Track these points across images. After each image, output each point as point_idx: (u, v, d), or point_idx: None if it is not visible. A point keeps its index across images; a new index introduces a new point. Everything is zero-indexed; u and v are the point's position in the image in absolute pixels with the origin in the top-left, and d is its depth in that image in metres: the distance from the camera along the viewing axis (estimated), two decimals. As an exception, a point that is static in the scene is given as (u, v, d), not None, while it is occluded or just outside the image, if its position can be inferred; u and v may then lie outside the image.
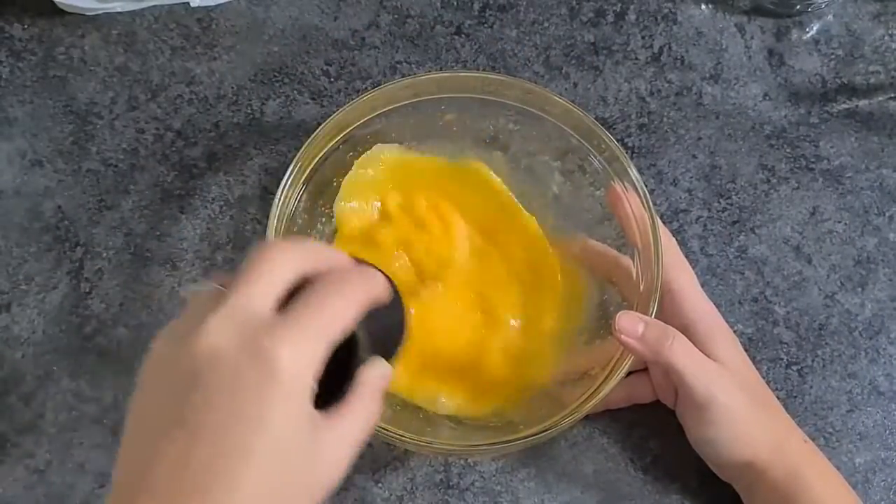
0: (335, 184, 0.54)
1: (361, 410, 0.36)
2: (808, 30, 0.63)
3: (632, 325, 0.46)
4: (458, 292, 0.53)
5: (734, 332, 0.51)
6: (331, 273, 0.36)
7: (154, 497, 0.31)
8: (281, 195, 0.50)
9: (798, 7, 0.62)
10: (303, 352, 0.33)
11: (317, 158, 0.52)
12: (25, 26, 0.61)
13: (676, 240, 0.53)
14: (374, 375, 0.37)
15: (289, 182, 0.51)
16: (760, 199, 0.59)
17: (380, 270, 0.39)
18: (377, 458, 0.52)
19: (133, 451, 0.33)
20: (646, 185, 0.51)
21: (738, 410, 0.47)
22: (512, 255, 0.54)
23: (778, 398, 0.51)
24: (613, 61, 0.62)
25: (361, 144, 0.54)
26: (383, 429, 0.46)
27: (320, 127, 0.52)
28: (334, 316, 0.34)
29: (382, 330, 0.38)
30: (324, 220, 0.54)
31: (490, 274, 0.53)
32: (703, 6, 0.63)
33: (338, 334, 0.34)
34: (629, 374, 0.49)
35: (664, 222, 0.56)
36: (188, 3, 0.62)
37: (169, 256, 0.56)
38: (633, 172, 0.51)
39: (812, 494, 0.46)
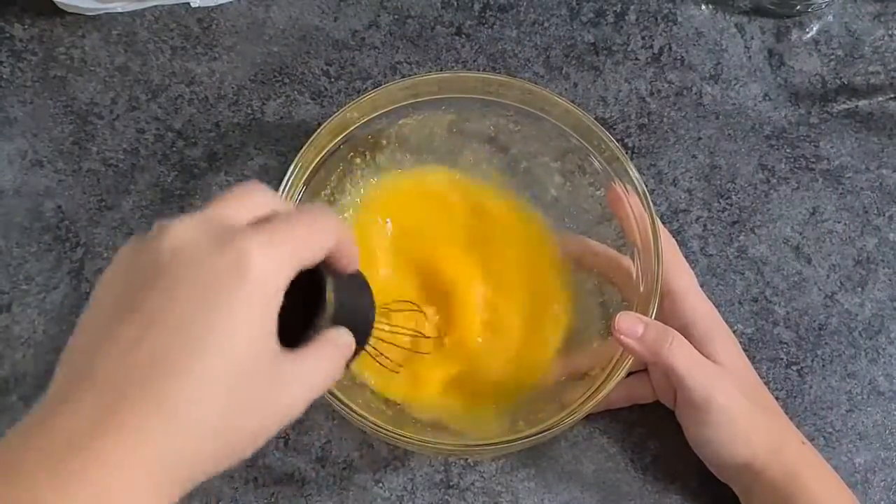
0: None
1: (322, 361, 0.35)
2: (807, 30, 0.63)
3: (631, 325, 0.46)
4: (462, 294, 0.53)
5: (734, 332, 0.51)
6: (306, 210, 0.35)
7: (94, 384, 0.29)
8: (281, 195, 0.50)
9: (798, 7, 0.62)
10: (273, 258, 0.32)
11: (317, 159, 0.52)
12: (26, 26, 0.61)
13: (676, 240, 0.53)
14: (340, 337, 0.36)
15: (289, 182, 0.51)
16: (760, 199, 0.59)
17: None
18: (377, 457, 0.52)
19: (79, 341, 0.31)
20: (646, 186, 0.51)
21: (737, 412, 0.47)
22: (513, 257, 0.54)
23: (778, 398, 0.51)
24: (613, 61, 0.62)
25: (362, 144, 0.54)
26: (383, 429, 0.46)
27: (321, 127, 0.52)
28: (305, 239, 0.34)
29: (350, 309, 0.38)
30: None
31: (490, 275, 0.54)
32: (703, 6, 0.63)
33: (307, 258, 0.33)
34: (629, 374, 0.49)
35: (664, 222, 0.56)
36: (188, 4, 0.62)
37: (169, 256, 0.56)
38: (633, 173, 0.51)
39: (809, 495, 0.46)
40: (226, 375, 0.30)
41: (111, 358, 0.30)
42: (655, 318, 0.48)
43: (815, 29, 0.63)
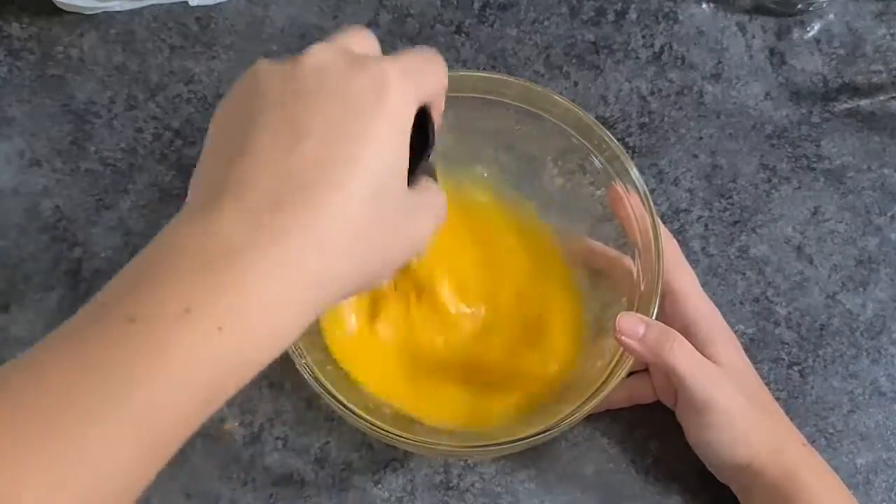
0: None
1: (438, 194, 0.35)
2: (809, 29, 0.63)
3: (632, 326, 0.46)
4: (460, 297, 0.53)
5: (735, 332, 0.51)
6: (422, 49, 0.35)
7: (243, 194, 0.29)
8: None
9: (799, 6, 0.62)
10: (407, 87, 0.32)
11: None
12: (24, 25, 0.61)
13: (677, 240, 0.53)
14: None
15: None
16: (762, 198, 0.58)
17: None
18: (377, 458, 0.52)
19: (215, 158, 0.31)
20: (646, 185, 0.50)
21: (738, 413, 0.47)
22: (512, 257, 0.54)
23: (779, 399, 0.51)
24: (614, 60, 0.62)
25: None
26: (383, 429, 0.46)
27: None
28: (428, 75, 0.34)
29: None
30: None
31: (490, 275, 0.53)
32: (704, 5, 0.63)
33: (427, 93, 0.34)
34: (630, 374, 0.49)
35: (665, 222, 0.55)
36: (187, 2, 0.62)
37: (168, 256, 0.56)
38: (634, 172, 0.50)
39: (809, 496, 0.46)
40: (370, 195, 0.30)
41: (258, 169, 0.29)
42: (656, 319, 0.47)
43: (816, 28, 0.63)
